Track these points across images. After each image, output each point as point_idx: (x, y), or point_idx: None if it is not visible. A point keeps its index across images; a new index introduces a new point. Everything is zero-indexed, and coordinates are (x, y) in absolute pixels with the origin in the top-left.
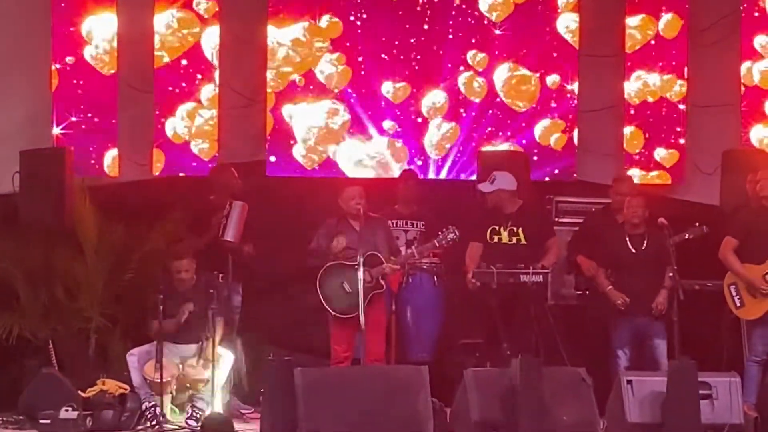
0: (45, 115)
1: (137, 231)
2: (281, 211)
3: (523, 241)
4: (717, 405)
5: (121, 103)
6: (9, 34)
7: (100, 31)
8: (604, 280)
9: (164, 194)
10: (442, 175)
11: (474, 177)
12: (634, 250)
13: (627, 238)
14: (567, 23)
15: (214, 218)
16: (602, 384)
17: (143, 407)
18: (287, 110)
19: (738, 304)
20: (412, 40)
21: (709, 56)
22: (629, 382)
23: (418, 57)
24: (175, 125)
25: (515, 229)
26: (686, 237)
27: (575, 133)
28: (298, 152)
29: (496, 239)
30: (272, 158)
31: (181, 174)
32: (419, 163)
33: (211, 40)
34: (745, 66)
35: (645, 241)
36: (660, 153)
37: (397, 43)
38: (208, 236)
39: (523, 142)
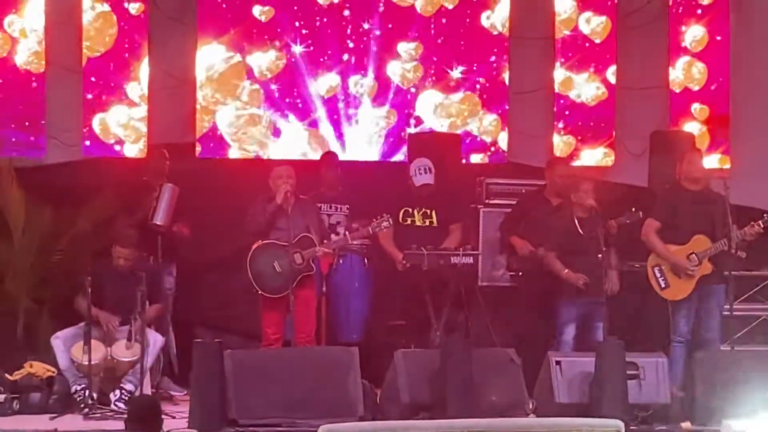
0: None
1: (65, 213)
2: (211, 193)
3: (435, 223)
4: (644, 385)
5: (49, 83)
6: None
7: (28, 19)
8: (557, 263)
9: (93, 176)
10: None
11: (404, 159)
12: (582, 232)
13: (576, 220)
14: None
15: (146, 200)
16: (533, 365)
17: (72, 390)
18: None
19: (663, 285)
20: (348, 30)
21: (637, 39)
22: (558, 362)
23: (349, 46)
24: (106, 120)
25: (429, 211)
26: (626, 221)
27: (506, 116)
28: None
29: (409, 221)
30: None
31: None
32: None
33: (139, 24)
34: (673, 72)
35: (590, 224)
36: (589, 155)
37: (329, 31)
38: (138, 217)
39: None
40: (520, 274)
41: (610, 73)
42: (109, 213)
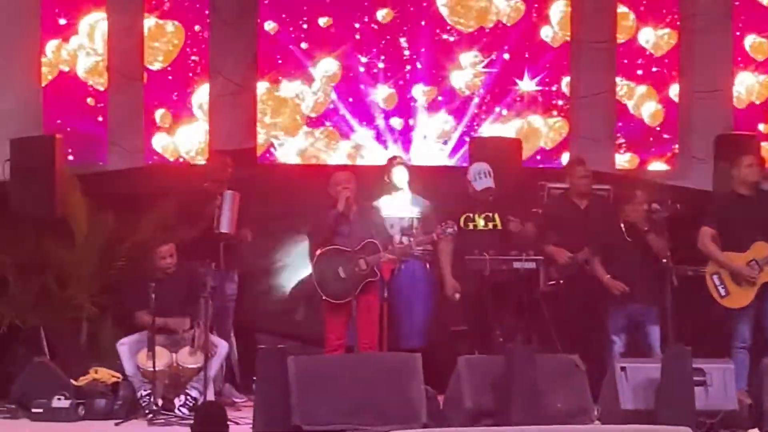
0: (35, 102)
1: (128, 219)
2: (272, 198)
3: (499, 226)
4: (711, 391)
5: (112, 90)
6: None
7: (90, 29)
8: (600, 268)
9: (155, 182)
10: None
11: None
12: (629, 239)
13: (623, 226)
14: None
15: (208, 208)
16: (591, 371)
17: (138, 395)
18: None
19: (723, 294)
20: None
21: (699, 41)
22: (623, 369)
23: (410, 57)
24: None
25: (491, 214)
26: (664, 215)
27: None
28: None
29: (471, 226)
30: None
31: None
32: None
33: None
34: (736, 89)
35: (640, 231)
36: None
37: (385, 43)
38: (201, 225)
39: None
40: (561, 282)
41: (671, 87)
42: (169, 219)
